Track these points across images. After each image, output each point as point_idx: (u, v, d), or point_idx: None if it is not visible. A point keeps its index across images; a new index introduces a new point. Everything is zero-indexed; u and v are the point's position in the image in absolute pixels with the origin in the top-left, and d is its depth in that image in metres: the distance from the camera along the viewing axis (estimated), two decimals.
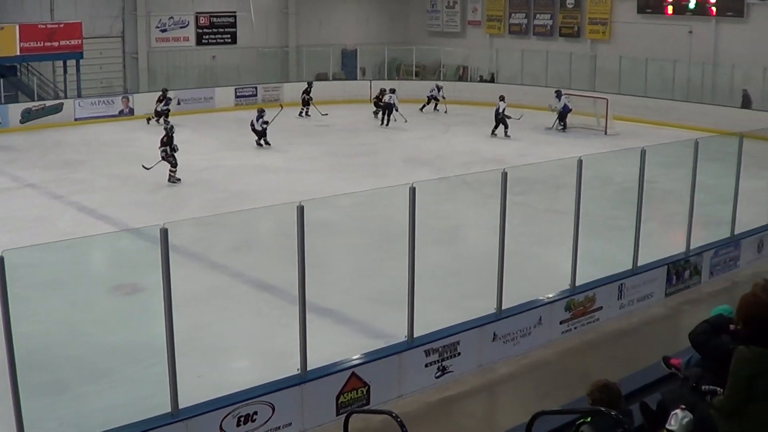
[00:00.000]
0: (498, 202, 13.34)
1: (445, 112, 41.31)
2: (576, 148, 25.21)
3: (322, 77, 46.49)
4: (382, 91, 38.21)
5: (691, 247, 16.95)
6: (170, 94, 37.05)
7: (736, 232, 18.14)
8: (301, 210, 10.78)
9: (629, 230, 15.71)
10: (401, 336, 12.41)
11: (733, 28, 40.13)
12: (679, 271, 16.63)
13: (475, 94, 44.74)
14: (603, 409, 6.73)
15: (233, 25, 46.17)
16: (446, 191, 19.28)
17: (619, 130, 36.05)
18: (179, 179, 25.79)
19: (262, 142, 31.55)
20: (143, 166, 25.51)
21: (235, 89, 42.59)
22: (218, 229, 19.85)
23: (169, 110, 35.92)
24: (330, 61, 47.08)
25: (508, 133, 34.54)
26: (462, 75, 49.78)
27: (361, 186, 21.52)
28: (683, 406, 7.63)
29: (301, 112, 39.66)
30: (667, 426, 7.70)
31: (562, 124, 37.07)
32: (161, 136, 26.40)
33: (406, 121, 36.73)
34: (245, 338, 14.53)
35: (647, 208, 16.88)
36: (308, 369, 11.33)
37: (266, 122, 31.49)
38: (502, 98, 35.04)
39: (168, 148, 25.94)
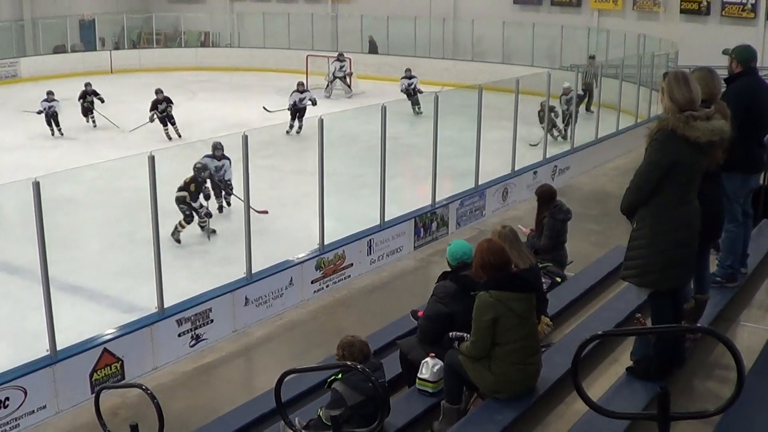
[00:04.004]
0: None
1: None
2: (320, 108, 25.27)
3: (60, 50, 44.84)
4: None
5: (437, 200, 17.34)
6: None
7: (480, 183, 18.71)
8: (36, 186, 10.40)
9: (377, 187, 15.90)
10: (153, 308, 12.20)
11: None
12: (426, 223, 17.00)
13: (220, 59, 44.45)
14: (349, 363, 6.79)
15: None
16: (192, 158, 18.96)
17: (364, 89, 36.45)
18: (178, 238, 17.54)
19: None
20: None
21: None
22: None
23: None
24: (67, 32, 45.30)
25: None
26: (204, 41, 49.10)
27: (104, 159, 20.91)
28: (433, 354, 7.83)
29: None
30: (419, 375, 7.89)
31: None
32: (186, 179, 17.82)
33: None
34: None
35: (393, 164, 17.16)
36: (59, 349, 10.97)
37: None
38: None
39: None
